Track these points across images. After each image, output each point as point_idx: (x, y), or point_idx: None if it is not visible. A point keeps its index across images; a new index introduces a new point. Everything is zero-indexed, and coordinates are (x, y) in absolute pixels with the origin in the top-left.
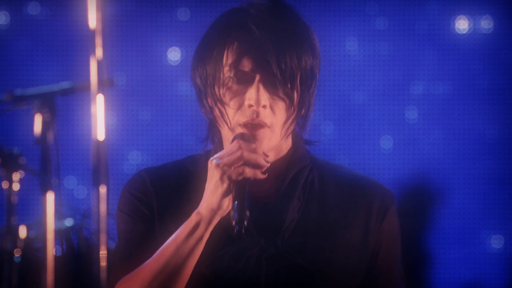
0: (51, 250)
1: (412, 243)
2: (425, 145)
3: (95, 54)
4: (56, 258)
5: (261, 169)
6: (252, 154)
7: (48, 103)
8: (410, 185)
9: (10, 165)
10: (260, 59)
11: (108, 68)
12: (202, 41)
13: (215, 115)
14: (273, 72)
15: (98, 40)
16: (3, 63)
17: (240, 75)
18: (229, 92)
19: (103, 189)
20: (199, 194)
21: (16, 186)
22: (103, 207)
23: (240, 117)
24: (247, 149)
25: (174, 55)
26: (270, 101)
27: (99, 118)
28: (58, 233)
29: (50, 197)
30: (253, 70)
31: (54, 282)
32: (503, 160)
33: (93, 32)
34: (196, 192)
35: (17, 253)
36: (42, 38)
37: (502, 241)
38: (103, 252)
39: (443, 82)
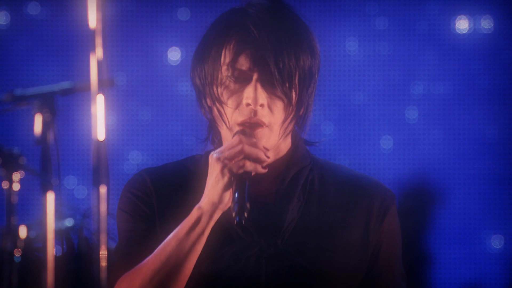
0: (51, 250)
1: (412, 243)
2: (425, 145)
3: (95, 54)
4: (56, 258)
5: (262, 164)
6: (253, 148)
7: (48, 103)
8: (410, 185)
9: (10, 165)
10: (258, 58)
11: (108, 68)
12: (202, 41)
13: (214, 115)
14: (271, 71)
15: (98, 40)
16: (3, 63)
17: (238, 74)
18: (227, 91)
19: (103, 189)
20: (199, 194)
21: (16, 186)
22: (103, 207)
23: (238, 116)
24: (247, 143)
25: (174, 55)
26: (268, 100)
27: (99, 118)
28: (58, 233)
29: (50, 197)
30: (250, 69)
31: (54, 282)
32: (503, 160)
33: (93, 32)
34: (197, 192)
35: (17, 253)
36: (42, 38)
37: (502, 241)
38: (103, 252)
39: (443, 82)
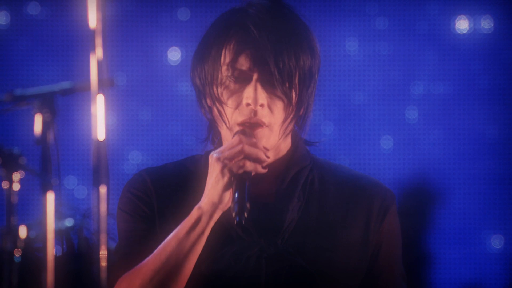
0: (51, 250)
1: (412, 243)
2: (425, 145)
3: (95, 54)
4: (56, 258)
5: (262, 164)
6: (253, 148)
7: (48, 103)
8: (410, 185)
9: (10, 165)
10: (258, 58)
11: (108, 68)
12: (202, 41)
13: (214, 115)
14: (271, 71)
15: (98, 40)
16: (3, 63)
17: (237, 74)
18: (227, 91)
19: (103, 189)
20: (199, 194)
21: (16, 186)
22: (103, 207)
23: (238, 116)
24: (247, 143)
25: (174, 55)
26: (268, 100)
27: (99, 118)
28: (58, 233)
29: (50, 197)
30: (250, 68)
31: (54, 282)
32: (503, 160)
33: (93, 32)
34: (197, 192)
35: (17, 253)
36: (42, 38)
37: (502, 241)
38: (103, 252)
39: (443, 82)
